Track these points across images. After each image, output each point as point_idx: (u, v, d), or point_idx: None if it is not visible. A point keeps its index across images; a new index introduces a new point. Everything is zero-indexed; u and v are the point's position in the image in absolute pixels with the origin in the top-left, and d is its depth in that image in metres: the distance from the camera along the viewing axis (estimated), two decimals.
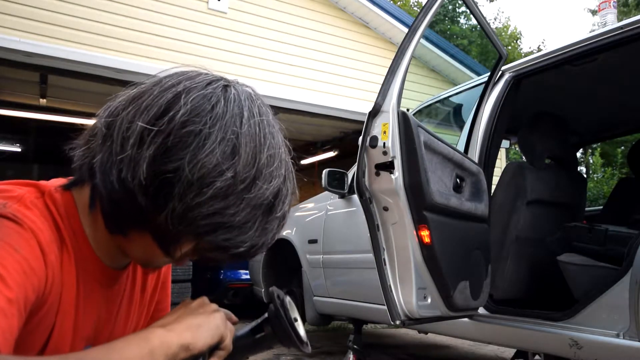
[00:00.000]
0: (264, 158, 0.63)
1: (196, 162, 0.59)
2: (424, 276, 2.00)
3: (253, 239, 0.64)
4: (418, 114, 3.55)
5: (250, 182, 0.62)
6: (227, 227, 0.62)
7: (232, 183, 0.60)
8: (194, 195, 0.59)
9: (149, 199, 0.60)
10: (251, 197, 0.62)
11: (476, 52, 20.83)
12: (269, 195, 0.63)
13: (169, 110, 0.61)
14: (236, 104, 0.64)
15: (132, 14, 5.52)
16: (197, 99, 0.62)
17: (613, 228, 2.31)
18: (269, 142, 0.65)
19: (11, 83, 5.70)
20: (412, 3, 23.69)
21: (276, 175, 0.64)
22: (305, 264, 3.88)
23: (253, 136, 0.63)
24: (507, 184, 2.58)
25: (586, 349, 1.97)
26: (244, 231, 0.63)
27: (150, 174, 0.59)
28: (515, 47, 24.93)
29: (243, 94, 0.67)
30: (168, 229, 0.62)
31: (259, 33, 6.31)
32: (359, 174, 2.00)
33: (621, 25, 2.16)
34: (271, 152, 0.64)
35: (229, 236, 0.62)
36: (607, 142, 14.73)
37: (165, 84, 0.65)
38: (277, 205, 0.66)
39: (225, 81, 0.68)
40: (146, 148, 0.60)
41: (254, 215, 0.63)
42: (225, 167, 0.60)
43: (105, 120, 0.65)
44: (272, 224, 0.66)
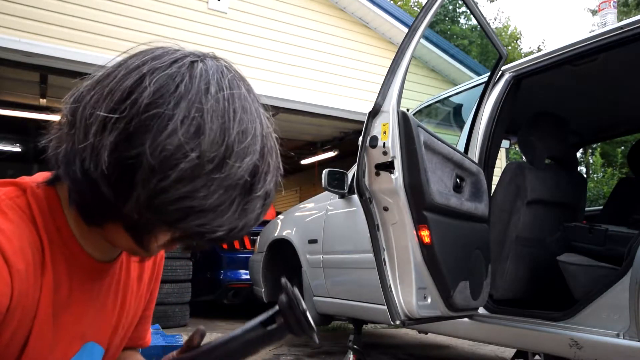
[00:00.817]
0: (234, 134, 0.58)
1: (156, 145, 0.55)
2: (424, 276, 2.00)
3: (232, 221, 0.60)
4: (418, 114, 3.55)
5: (220, 161, 0.57)
6: (199, 212, 0.58)
7: (199, 164, 0.56)
8: (157, 181, 0.56)
9: (112, 188, 0.58)
10: (222, 177, 0.58)
11: (476, 52, 20.83)
12: (243, 173, 0.59)
13: (132, 94, 0.58)
14: (202, 80, 0.60)
15: (132, 14, 5.53)
16: (161, 80, 0.58)
17: (613, 228, 2.31)
18: (239, 116, 0.60)
19: (11, 83, 5.70)
20: (412, 3, 23.70)
21: (250, 151, 0.60)
22: (305, 264, 3.88)
23: (221, 111, 0.59)
24: (507, 184, 2.58)
25: (586, 349, 1.97)
26: (219, 214, 0.59)
27: (112, 162, 0.56)
28: (515, 47, 24.94)
29: (212, 68, 0.62)
30: (137, 219, 0.59)
31: (259, 33, 6.32)
32: (359, 174, 2.00)
33: (621, 25, 2.16)
34: (243, 127, 0.60)
35: (203, 221, 0.59)
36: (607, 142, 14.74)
37: (130, 65, 0.61)
38: (256, 184, 0.61)
39: (193, 57, 0.63)
40: (107, 135, 0.57)
41: (230, 197, 0.59)
42: (189, 147, 0.56)
43: (70, 106, 0.62)
44: (253, 203, 0.62)
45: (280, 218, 4.48)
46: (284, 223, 4.29)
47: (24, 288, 0.61)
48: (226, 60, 0.66)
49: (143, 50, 0.64)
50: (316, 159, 9.09)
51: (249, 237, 5.77)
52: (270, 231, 4.43)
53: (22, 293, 0.60)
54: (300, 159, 9.46)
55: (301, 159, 9.42)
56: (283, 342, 4.42)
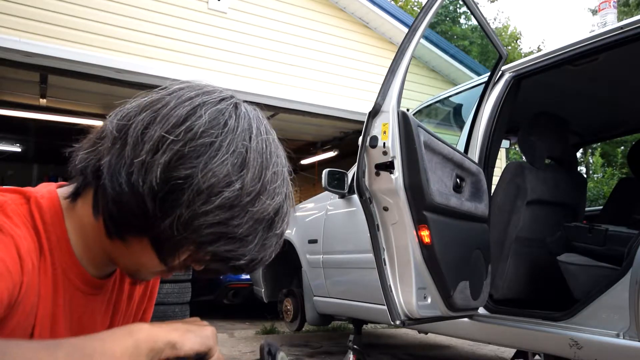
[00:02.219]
0: (269, 174, 0.65)
1: (207, 170, 0.61)
2: (424, 276, 2.00)
3: (253, 252, 0.66)
4: (418, 114, 3.55)
5: (256, 196, 0.64)
6: (229, 238, 0.63)
7: (239, 194, 0.62)
8: (201, 203, 0.61)
9: (157, 203, 0.62)
10: (255, 210, 0.64)
11: (476, 52, 20.83)
12: (271, 211, 0.65)
13: (187, 121, 0.63)
14: (246, 121, 0.67)
15: (132, 14, 5.53)
16: (212, 113, 0.64)
17: (613, 228, 2.31)
18: (274, 159, 0.67)
19: (11, 83, 5.70)
20: (412, 3, 23.70)
21: (279, 192, 0.67)
22: (305, 264, 3.88)
23: (261, 152, 0.65)
24: (507, 184, 2.58)
25: (586, 349, 1.97)
26: (245, 244, 0.64)
27: (163, 180, 0.61)
28: (515, 47, 24.94)
29: (251, 112, 0.69)
30: (171, 236, 0.63)
31: (259, 33, 6.32)
32: (359, 174, 2.00)
33: (621, 25, 2.16)
34: (276, 169, 0.67)
35: (230, 247, 0.64)
36: (607, 142, 14.74)
37: (182, 95, 0.66)
38: (277, 222, 0.68)
39: (235, 99, 0.70)
40: (161, 154, 0.61)
41: (255, 229, 0.65)
42: (234, 178, 0.62)
43: (117, 123, 0.66)
44: (271, 240, 0.68)
45: None
46: None
47: (31, 285, 0.63)
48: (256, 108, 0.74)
49: (191, 84, 0.70)
50: (316, 159, 9.09)
51: None
52: None
53: (29, 288, 0.63)
54: (300, 159, 9.46)
55: (301, 159, 9.42)
56: (283, 342, 4.42)
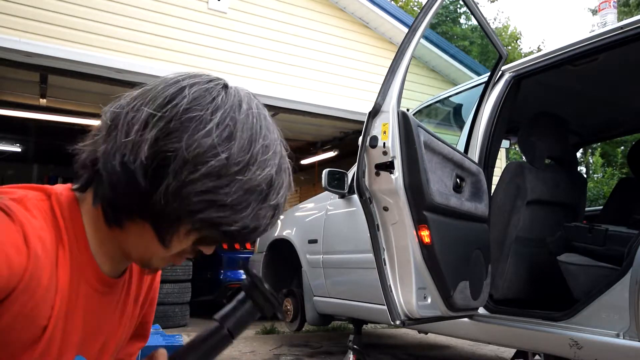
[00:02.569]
0: (258, 146, 0.67)
1: (192, 141, 0.63)
2: (424, 276, 2.00)
3: (245, 220, 0.67)
4: (418, 114, 3.55)
5: (244, 166, 0.65)
6: (220, 206, 0.65)
7: (226, 164, 0.64)
8: (188, 173, 0.63)
9: (147, 178, 0.64)
10: (244, 180, 0.65)
11: (476, 52, 20.83)
12: (261, 181, 0.67)
13: (173, 99, 0.65)
14: (236, 98, 0.69)
15: (132, 14, 5.52)
16: (199, 91, 0.67)
17: (613, 228, 2.31)
18: (264, 133, 0.68)
19: (11, 83, 5.70)
20: (413, 3, 23.69)
21: (270, 164, 0.68)
22: (305, 264, 3.88)
23: (250, 125, 0.67)
24: (507, 184, 2.58)
25: (586, 349, 1.97)
26: (236, 212, 0.66)
27: (151, 155, 0.63)
28: (515, 47, 24.94)
29: (242, 91, 0.71)
30: (163, 209, 0.65)
31: (259, 33, 6.32)
32: (359, 174, 2.00)
33: (621, 25, 2.16)
34: (266, 142, 0.68)
35: (221, 214, 0.65)
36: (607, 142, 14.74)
37: (170, 80, 0.69)
38: (271, 194, 0.69)
39: (225, 81, 0.72)
40: (149, 131, 0.64)
41: (247, 199, 0.66)
42: (220, 149, 0.64)
43: (111, 112, 0.68)
44: (265, 210, 0.69)
45: (281, 218, 4.48)
46: (284, 223, 4.29)
47: (38, 275, 0.62)
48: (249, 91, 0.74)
49: (180, 72, 0.72)
50: (316, 159, 9.08)
51: None
52: (270, 231, 4.42)
53: (34, 278, 0.61)
54: (300, 159, 9.46)
55: (301, 159, 9.42)
56: (283, 342, 4.42)
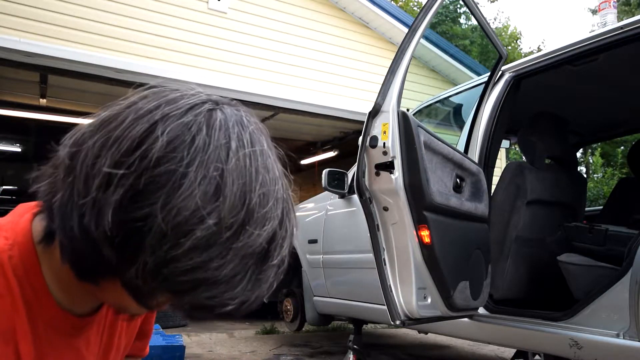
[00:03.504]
0: (254, 198, 0.52)
1: (170, 207, 0.48)
2: (424, 276, 2.00)
3: (244, 293, 0.54)
4: (418, 114, 3.55)
5: (239, 228, 0.51)
6: (211, 284, 0.51)
7: (216, 231, 0.49)
8: (168, 248, 0.49)
9: (115, 251, 0.51)
10: (240, 245, 0.51)
11: (476, 52, 20.83)
12: (262, 241, 0.53)
13: (142, 145, 0.50)
14: (222, 133, 0.53)
15: (132, 14, 5.52)
16: (175, 129, 0.51)
17: (613, 228, 2.31)
18: (262, 177, 0.53)
19: (11, 83, 5.70)
20: (413, 3, 23.70)
21: (270, 217, 0.53)
22: (305, 264, 3.88)
23: (242, 171, 0.52)
24: (507, 184, 2.58)
25: (586, 349, 1.97)
26: (232, 286, 0.52)
27: (117, 223, 0.49)
28: (515, 47, 24.94)
29: (232, 118, 0.55)
30: (140, 285, 0.52)
31: (259, 33, 6.32)
32: (359, 174, 2.00)
33: (621, 25, 2.16)
34: (264, 189, 0.53)
35: (213, 293, 0.52)
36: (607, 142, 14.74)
37: (141, 108, 0.54)
38: (272, 251, 0.55)
39: (211, 104, 0.56)
40: (112, 191, 0.49)
41: (245, 266, 0.52)
42: (206, 211, 0.49)
43: (69, 150, 0.54)
44: (268, 273, 0.55)
45: None
46: None
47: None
48: (244, 107, 0.60)
49: (156, 91, 0.57)
50: (316, 159, 9.09)
51: None
52: None
53: None
54: (300, 159, 9.46)
55: (301, 159, 9.42)
56: (283, 342, 4.42)
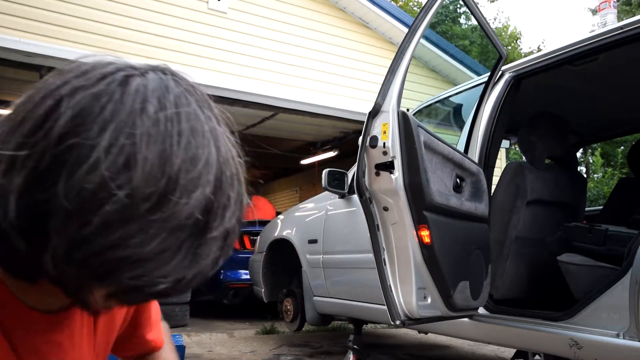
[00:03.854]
0: (177, 163, 0.46)
1: (72, 183, 0.44)
2: (424, 276, 2.00)
3: (179, 270, 0.48)
4: (418, 114, 3.55)
5: (160, 199, 0.45)
6: (134, 262, 0.46)
7: (129, 204, 0.44)
8: (76, 228, 0.44)
9: (25, 240, 0.47)
10: (164, 217, 0.46)
11: (476, 52, 20.84)
12: (192, 211, 0.47)
13: (46, 122, 0.46)
14: (138, 98, 0.47)
15: (132, 14, 5.53)
16: (83, 101, 0.46)
17: (613, 228, 2.31)
18: (185, 140, 0.47)
19: (11, 83, 5.70)
20: (413, 3, 23.70)
21: (201, 183, 0.47)
22: (305, 264, 3.88)
23: (160, 136, 0.46)
24: (507, 184, 2.58)
25: (586, 349, 1.97)
26: (162, 263, 0.47)
27: (22, 209, 0.45)
28: (515, 47, 24.94)
29: (154, 83, 0.50)
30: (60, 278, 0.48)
31: (259, 33, 6.32)
32: (359, 174, 2.00)
33: (621, 25, 2.16)
34: (191, 153, 0.47)
35: (139, 272, 0.46)
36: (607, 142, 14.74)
37: (50, 85, 0.50)
38: (211, 222, 0.49)
39: (131, 70, 0.50)
40: (15, 175, 0.45)
41: (176, 240, 0.47)
42: (115, 184, 0.44)
43: None
44: (208, 247, 0.50)
45: (280, 218, 4.48)
46: (284, 223, 4.29)
47: None
48: (179, 73, 0.54)
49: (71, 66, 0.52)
50: (316, 159, 9.09)
51: (249, 237, 5.77)
52: (270, 231, 4.43)
53: None
54: (300, 159, 9.46)
55: (301, 159, 9.42)
56: (283, 342, 4.42)
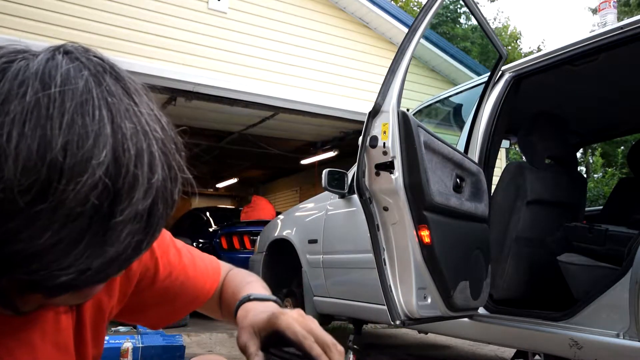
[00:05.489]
0: (59, 145, 0.41)
1: None
2: (424, 276, 2.00)
3: (82, 260, 0.44)
4: (418, 114, 3.55)
5: (42, 188, 0.41)
6: (27, 257, 0.42)
7: (7, 198, 0.41)
8: None
9: None
10: (52, 207, 0.41)
11: (476, 52, 20.84)
12: (84, 197, 0.42)
13: None
14: (16, 82, 0.43)
15: (132, 14, 5.53)
16: None
17: (613, 228, 2.31)
18: (69, 118, 0.42)
19: None
20: (413, 3, 23.70)
21: (91, 165, 0.42)
22: (305, 264, 3.88)
23: (39, 120, 0.42)
24: (507, 184, 2.58)
25: (586, 349, 1.97)
26: (60, 254, 0.43)
27: None
28: (515, 47, 24.95)
29: (40, 62, 0.45)
30: None
31: (259, 33, 6.32)
32: (359, 174, 2.00)
33: (621, 25, 2.16)
34: (76, 134, 0.42)
35: (35, 267, 0.43)
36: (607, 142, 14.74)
37: None
38: (116, 206, 0.44)
39: (14, 55, 0.46)
40: None
41: (73, 229, 0.42)
42: None
43: None
44: (116, 233, 0.44)
45: (280, 218, 4.48)
46: (284, 223, 4.29)
47: None
48: (82, 49, 0.49)
49: None
50: (316, 159, 9.09)
51: (249, 237, 5.77)
52: (270, 231, 4.43)
53: None
54: (300, 159, 9.46)
55: (301, 159, 9.42)
56: None
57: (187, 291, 0.83)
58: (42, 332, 0.63)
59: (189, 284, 0.83)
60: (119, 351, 2.90)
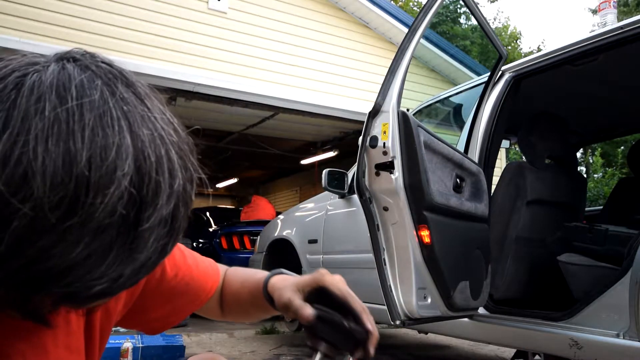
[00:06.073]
0: (83, 160, 0.42)
1: None
2: (424, 276, 2.00)
3: (113, 269, 0.45)
4: (418, 114, 3.55)
5: (71, 203, 0.41)
6: (61, 272, 0.43)
7: (37, 217, 0.41)
8: None
9: None
10: (81, 221, 0.42)
11: (476, 52, 20.84)
12: (113, 208, 0.43)
13: None
14: (33, 98, 0.43)
15: (132, 14, 5.53)
16: None
17: (613, 228, 2.31)
18: (90, 132, 0.43)
19: None
20: (413, 3, 23.70)
21: (116, 177, 0.43)
22: (305, 264, 3.88)
23: (61, 135, 0.42)
24: (507, 184, 2.58)
25: (586, 349, 1.97)
26: (92, 266, 0.44)
27: None
28: (515, 47, 24.95)
29: (53, 75, 0.45)
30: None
31: (259, 33, 6.32)
32: (359, 174, 2.00)
33: (621, 25, 2.16)
34: (99, 146, 0.42)
35: (69, 280, 0.43)
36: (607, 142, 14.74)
37: None
38: (141, 214, 0.45)
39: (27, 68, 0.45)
40: None
41: (103, 241, 0.43)
42: (17, 199, 0.40)
43: None
44: (143, 240, 0.45)
45: (280, 218, 4.48)
46: (284, 223, 4.29)
47: None
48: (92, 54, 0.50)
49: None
50: (316, 159, 9.10)
51: (249, 237, 5.77)
52: (270, 231, 4.43)
53: None
54: (300, 159, 9.46)
55: (301, 159, 9.42)
56: (283, 342, 4.42)
57: (191, 291, 0.85)
58: (54, 336, 0.63)
59: (193, 284, 0.84)
60: (119, 351, 2.90)
